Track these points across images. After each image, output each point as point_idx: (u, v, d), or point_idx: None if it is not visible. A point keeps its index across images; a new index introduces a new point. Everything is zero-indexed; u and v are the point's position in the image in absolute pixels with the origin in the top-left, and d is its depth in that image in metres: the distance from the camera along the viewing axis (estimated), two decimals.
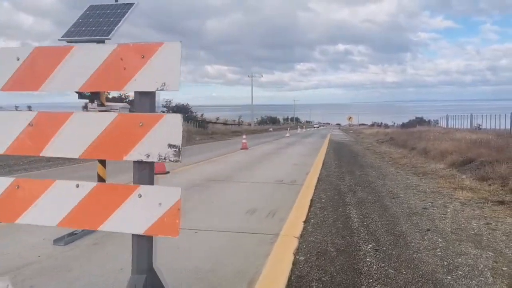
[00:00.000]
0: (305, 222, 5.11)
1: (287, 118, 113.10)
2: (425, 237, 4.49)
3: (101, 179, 4.61)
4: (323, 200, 6.56)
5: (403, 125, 40.88)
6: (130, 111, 4.58)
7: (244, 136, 19.68)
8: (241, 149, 17.72)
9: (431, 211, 5.91)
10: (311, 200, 6.52)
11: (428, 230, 4.82)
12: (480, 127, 24.25)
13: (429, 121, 37.49)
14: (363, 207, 6.07)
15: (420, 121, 38.51)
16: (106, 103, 4.64)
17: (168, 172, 9.48)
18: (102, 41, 4.30)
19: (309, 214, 5.57)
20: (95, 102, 4.43)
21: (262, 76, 69.26)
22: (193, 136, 29.94)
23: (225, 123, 58.16)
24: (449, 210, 5.93)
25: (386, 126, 54.05)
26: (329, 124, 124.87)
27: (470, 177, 8.56)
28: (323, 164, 11.94)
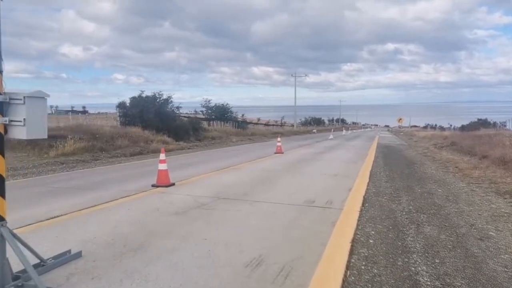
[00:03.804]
0: None
1: (332, 119, 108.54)
2: None
3: None
4: (371, 241, 4.34)
5: (463, 128, 36.39)
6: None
7: (278, 139, 17.52)
8: (275, 153, 15.62)
9: None
10: (353, 240, 4.33)
11: None
12: None
13: (495, 123, 32.89)
14: (437, 259, 3.79)
15: (483, 123, 33.96)
16: (4, 90, 2.82)
17: (173, 184, 7.64)
18: None
19: (347, 272, 3.40)
20: None
21: (306, 75, 65.90)
22: (230, 138, 28.35)
23: (266, 124, 56.12)
24: None
25: (442, 128, 49.13)
26: (377, 125, 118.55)
27: None
28: (370, 176, 9.56)
